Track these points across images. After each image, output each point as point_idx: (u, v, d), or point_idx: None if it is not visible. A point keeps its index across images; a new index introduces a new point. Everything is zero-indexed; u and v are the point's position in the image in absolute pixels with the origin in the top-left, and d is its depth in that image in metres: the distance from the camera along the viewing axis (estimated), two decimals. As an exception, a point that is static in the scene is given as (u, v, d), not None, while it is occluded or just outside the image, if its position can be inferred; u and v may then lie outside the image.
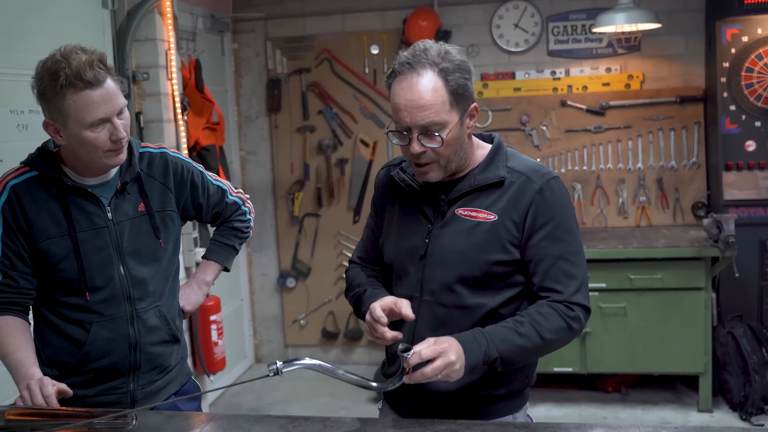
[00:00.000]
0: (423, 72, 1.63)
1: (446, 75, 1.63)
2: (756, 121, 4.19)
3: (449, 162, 1.70)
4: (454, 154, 1.70)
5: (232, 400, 4.53)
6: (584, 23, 4.61)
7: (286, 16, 4.90)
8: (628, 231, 4.48)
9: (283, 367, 1.59)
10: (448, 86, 1.64)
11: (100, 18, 3.47)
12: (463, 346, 1.59)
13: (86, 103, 1.76)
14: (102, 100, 1.77)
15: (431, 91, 1.62)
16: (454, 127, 1.66)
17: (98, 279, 1.89)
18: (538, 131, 4.68)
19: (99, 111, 1.77)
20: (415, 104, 1.63)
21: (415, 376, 1.57)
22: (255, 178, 5.05)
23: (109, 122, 1.79)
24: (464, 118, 1.69)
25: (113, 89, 1.80)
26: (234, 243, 2.24)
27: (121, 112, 1.82)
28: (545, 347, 1.67)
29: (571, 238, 1.72)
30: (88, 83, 1.74)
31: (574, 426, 1.60)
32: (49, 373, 1.91)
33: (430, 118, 1.63)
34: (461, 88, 1.65)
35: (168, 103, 3.75)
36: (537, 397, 4.18)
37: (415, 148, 1.66)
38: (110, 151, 1.83)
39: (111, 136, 1.80)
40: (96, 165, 1.87)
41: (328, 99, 4.91)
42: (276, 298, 5.17)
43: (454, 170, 1.74)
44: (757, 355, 3.99)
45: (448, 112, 1.64)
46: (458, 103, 1.66)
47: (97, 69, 1.75)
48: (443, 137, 1.64)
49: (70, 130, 1.79)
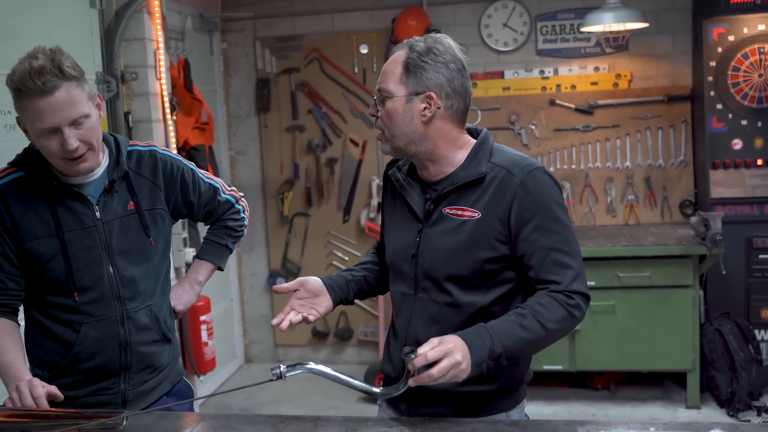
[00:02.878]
0: (401, 48, 1.75)
1: (410, 52, 1.72)
2: (742, 119, 4.22)
3: (393, 137, 1.74)
4: (396, 129, 1.73)
5: (222, 400, 4.52)
6: (572, 23, 4.63)
7: (275, 16, 4.90)
8: (616, 229, 4.50)
9: (286, 371, 1.59)
10: (405, 61, 1.72)
11: (88, 18, 3.45)
12: (467, 344, 1.58)
13: (33, 111, 1.73)
14: (50, 109, 1.72)
15: (392, 61, 1.75)
16: (398, 100, 1.72)
17: (87, 279, 1.87)
18: (527, 130, 4.69)
19: (45, 120, 1.73)
20: (382, 70, 1.77)
21: (422, 378, 1.55)
22: (244, 177, 5.05)
23: (59, 132, 1.74)
24: (413, 100, 1.71)
25: (66, 98, 1.73)
26: (227, 242, 2.20)
27: (77, 122, 1.75)
28: (549, 337, 1.67)
29: (561, 227, 1.70)
30: (32, 91, 1.70)
31: (564, 423, 1.61)
32: (39, 374, 1.90)
33: (381, 84, 1.75)
34: (416, 67, 1.71)
35: (157, 102, 3.74)
36: (527, 395, 4.19)
37: (370, 109, 1.79)
38: (66, 159, 1.78)
39: (62, 145, 1.75)
40: (59, 170, 1.85)
41: (317, 98, 4.91)
42: (266, 298, 5.17)
43: (408, 152, 1.76)
44: (744, 352, 4.02)
45: (396, 84, 1.72)
46: (408, 79, 1.71)
47: (48, 77, 1.69)
48: (385, 105, 1.73)
49: (30, 132, 1.79)
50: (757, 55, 4.17)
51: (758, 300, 4.17)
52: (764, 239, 4.15)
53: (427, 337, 1.74)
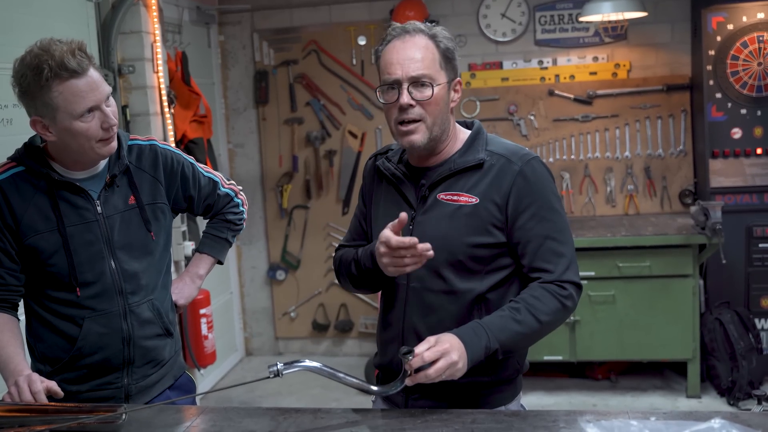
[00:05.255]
0: (416, 34, 1.72)
1: (436, 39, 1.73)
2: (742, 108, 4.21)
3: (434, 124, 1.72)
4: (440, 116, 1.73)
5: (222, 393, 4.53)
6: (571, 12, 4.61)
7: (272, 8, 4.88)
8: (616, 219, 4.50)
9: (283, 369, 1.59)
10: (439, 48, 1.73)
11: (84, 11, 3.44)
12: (463, 343, 1.59)
13: (74, 93, 1.74)
14: (89, 89, 1.76)
15: (423, 48, 1.71)
16: (443, 87, 1.72)
17: (89, 274, 1.88)
18: (526, 121, 4.68)
19: (88, 99, 1.76)
20: (408, 57, 1.69)
21: (418, 377, 1.56)
22: (243, 170, 5.04)
23: (98, 110, 1.78)
24: (451, 85, 1.75)
25: (97, 77, 1.79)
26: (227, 236, 2.21)
27: (107, 99, 1.80)
28: (543, 329, 1.68)
29: (556, 216, 1.73)
30: (73, 72, 1.73)
31: (564, 413, 1.61)
32: (42, 369, 1.90)
33: (421, 70, 1.69)
34: (450, 52, 1.74)
35: (154, 96, 3.72)
36: (527, 385, 4.17)
37: (405, 98, 1.70)
38: (102, 140, 1.81)
39: (102, 124, 1.79)
40: (88, 157, 1.85)
41: (315, 91, 4.89)
42: (266, 291, 5.17)
43: (436, 141, 1.74)
44: (744, 341, 4.02)
45: (438, 70, 1.72)
46: (447, 65, 1.74)
47: (79, 57, 1.74)
48: (434, 89, 1.70)
49: (60, 124, 1.77)
50: (756, 43, 4.16)
51: (758, 289, 4.17)
52: (764, 228, 4.15)
53: (425, 327, 1.74)
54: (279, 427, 1.62)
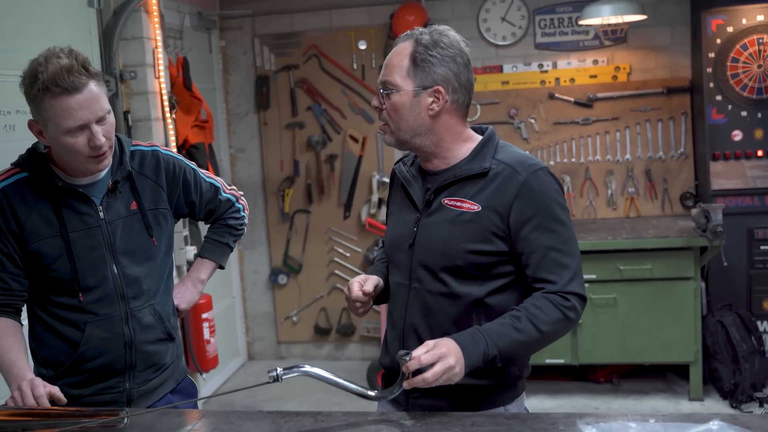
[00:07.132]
0: (405, 40, 1.76)
1: (416, 45, 1.73)
2: (742, 110, 4.22)
3: (398, 129, 1.76)
4: (402, 122, 1.75)
5: (224, 397, 4.53)
6: (571, 16, 4.62)
7: (273, 13, 4.90)
8: (617, 222, 4.50)
9: (282, 374, 1.60)
10: (412, 54, 1.72)
11: (86, 17, 3.45)
12: (461, 348, 1.59)
13: (63, 109, 1.73)
14: (79, 107, 1.74)
15: (397, 54, 1.75)
16: (405, 94, 1.73)
17: (91, 279, 1.88)
18: (526, 124, 4.69)
19: (76, 118, 1.74)
20: (385, 62, 1.77)
21: (415, 381, 1.57)
22: (245, 175, 5.05)
23: (87, 129, 1.76)
24: (421, 93, 1.73)
25: (93, 95, 1.76)
26: (228, 240, 2.23)
27: (102, 118, 1.78)
28: (543, 339, 1.68)
29: (561, 227, 1.72)
30: (64, 89, 1.72)
31: (563, 415, 1.61)
32: (44, 373, 1.91)
33: (386, 77, 1.75)
34: (423, 61, 1.72)
35: (156, 101, 3.74)
36: (529, 388, 4.16)
37: (373, 101, 1.79)
38: (91, 157, 1.80)
39: (89, 142, 1.77)
40: (79, 169, 1.86)
41: (316, 95, 4.91)
42: (268, 295, 5.17)
43: (419, 146, 1.78)
44: (747, 343, 4.02)
45: (402, 77, 1.73)
46: (415, 73, 1.72)
47: (76, 75, 1.72)
48: (390, 98, 1.73)
49: (51, 133, 1.78)
50: (756, 45, 4.17)
51: (760, 291, 4.17)
52: (765, 230, 4.15)
53: (424, 327, 1.76)
54: (280, 429, 1.62)
